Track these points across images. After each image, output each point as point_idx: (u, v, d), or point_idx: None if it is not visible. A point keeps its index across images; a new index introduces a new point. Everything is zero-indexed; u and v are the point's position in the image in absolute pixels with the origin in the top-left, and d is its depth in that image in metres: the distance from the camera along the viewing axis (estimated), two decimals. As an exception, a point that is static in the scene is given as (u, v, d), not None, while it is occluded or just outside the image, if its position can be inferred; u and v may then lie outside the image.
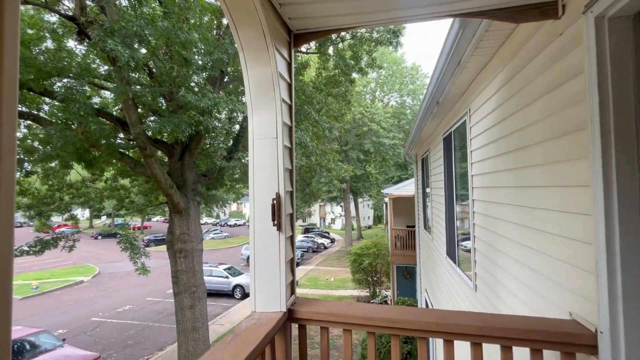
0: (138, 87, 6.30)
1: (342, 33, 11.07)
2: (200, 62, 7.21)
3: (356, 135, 28.16)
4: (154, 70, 7.37)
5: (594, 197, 1.30)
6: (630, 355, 1.18)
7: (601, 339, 1.27)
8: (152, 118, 7.86)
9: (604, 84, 1.25)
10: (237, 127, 10.08)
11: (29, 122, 8.03)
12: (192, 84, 7.30)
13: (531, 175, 1.90)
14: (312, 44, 11.31)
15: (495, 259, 2.56)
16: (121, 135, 8.17)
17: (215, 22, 8.77)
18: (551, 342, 1.37)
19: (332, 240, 35.10)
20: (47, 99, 7.70)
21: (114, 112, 8.59)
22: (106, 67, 7.19)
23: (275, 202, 1.61)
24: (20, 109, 7.47)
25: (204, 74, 7.55)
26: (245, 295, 16.71)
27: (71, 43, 7.23)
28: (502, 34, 2.09)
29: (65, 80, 6.25)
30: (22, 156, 8.15)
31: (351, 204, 32.86)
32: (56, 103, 6.89)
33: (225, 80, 9.56)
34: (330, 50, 11.32)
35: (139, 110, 7.22)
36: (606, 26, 1.25)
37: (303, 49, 11.21)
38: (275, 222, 1.61)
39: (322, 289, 17.73)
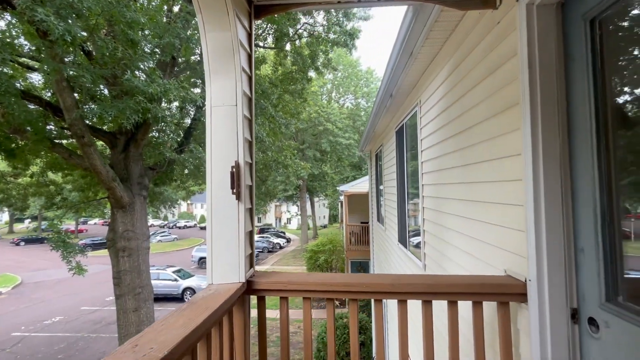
0: (73, 71, 5.65)
1: (300, 30, 11.14)
2: (147, 49, 6.70)
3: (312, 135, 28.43)
4: (93, 52, 6.70)
5: (524, 163, 1.48)
6: (552, 296, 1.36)
7: (529, 286, 1.44)
8: (92, 105, 7.13)
9: (533, 63, 1.43)
10: (189, 120, 9.58)
11: None
12: (138, 72, 6.75)
13: (474, 153, 2.09)
14: (270, 39, 11.23)
15: (442, 236, 2.77)
16: (53, 122, 7.30)
17: (165, 7, 8.27)
18: (489, 294, 1.54)
19: (288, 240, 34.99)
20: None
21: (45, 97, 7.63)
22: (34, 47, 6.36)
23: (234, 169, 1.57)
24: None
25: (152, 62, 7.04)
26: (196, 298, 15.90)
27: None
28: (449, 25, 2.27)
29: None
30: None
31: (307, 203, 33.06)
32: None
33: (176, 69, 9.03)
34: (288, 47, 11.32)
35: (76, 96, 6.50)
36: (535, 13, 1.44)
37: (260, 43, 11.07)
38: (235, 190, 1.57)
39: (277, 288, 17.56)
